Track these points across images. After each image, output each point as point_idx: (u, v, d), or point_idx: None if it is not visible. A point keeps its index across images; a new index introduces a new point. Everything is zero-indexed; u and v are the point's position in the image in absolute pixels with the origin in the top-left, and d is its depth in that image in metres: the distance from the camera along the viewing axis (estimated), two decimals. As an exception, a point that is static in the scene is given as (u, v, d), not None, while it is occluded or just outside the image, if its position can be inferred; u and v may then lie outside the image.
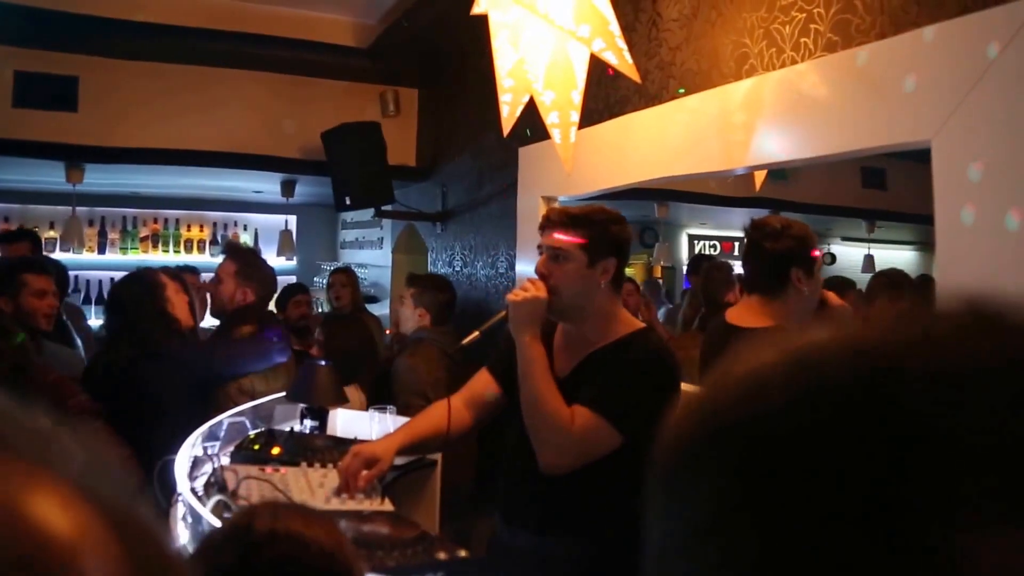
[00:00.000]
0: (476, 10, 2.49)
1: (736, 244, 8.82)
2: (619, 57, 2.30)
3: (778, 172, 3.48)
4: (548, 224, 2.29)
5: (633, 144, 3.05)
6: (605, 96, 3.39)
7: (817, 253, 2.56)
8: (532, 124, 2.60)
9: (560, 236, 2.25)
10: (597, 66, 2.63)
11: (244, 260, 3.70)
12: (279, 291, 6.43)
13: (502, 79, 2.67)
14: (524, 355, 2.23)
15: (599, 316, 2.28)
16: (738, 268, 5.28)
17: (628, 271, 9.55)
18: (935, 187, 1.87)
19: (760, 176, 3.16)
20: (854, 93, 2.08)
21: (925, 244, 7.40)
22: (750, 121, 2.45)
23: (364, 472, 2.31)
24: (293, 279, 8.45)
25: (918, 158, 1.99)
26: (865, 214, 6.28)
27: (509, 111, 2.76)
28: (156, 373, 3.17)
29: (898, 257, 7.57)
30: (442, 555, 1.97)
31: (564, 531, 2.16)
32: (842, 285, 5.23)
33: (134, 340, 3.23)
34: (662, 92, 3.08)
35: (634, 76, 2.22)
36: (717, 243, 8.78)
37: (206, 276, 7.34)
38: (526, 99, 2.70)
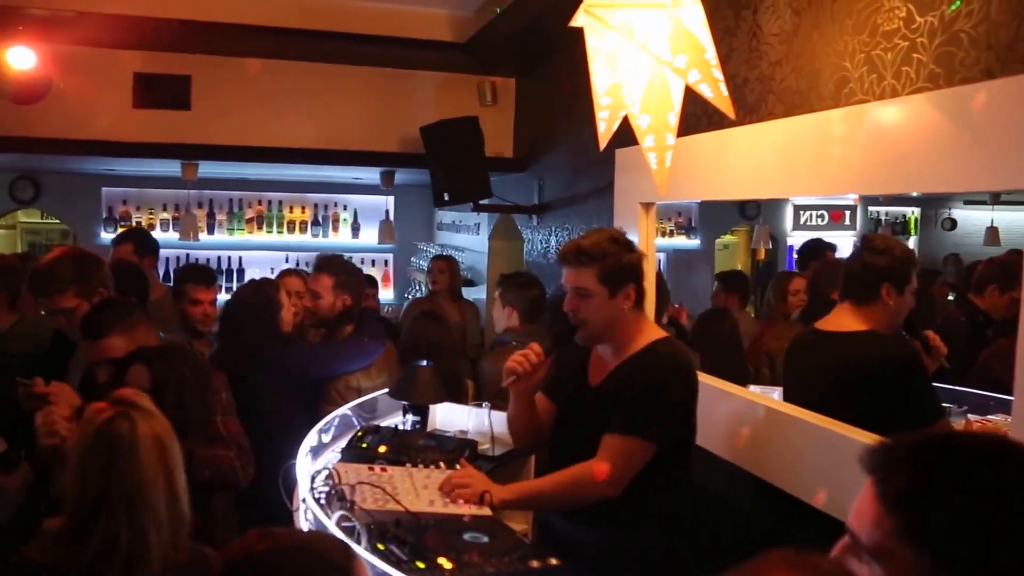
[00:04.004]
0: (574, 23, 2.53)
1: (847, 213, 8.28)
2: (714, 90, 2.31)
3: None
4: (564, 263, 2.49)
5: (730, 160, 3.05)
6: (704, 101, 3.36)
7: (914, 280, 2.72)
8: (628, 131, 2.63)
9: (578, 274, 2.45)
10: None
11: (339, 271, 3.90)
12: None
13: (599, 97, 2.70)
14: (520, 505, 2.57)
15: (625, 332, 2.52)
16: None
17: (728, 240, 9.13)
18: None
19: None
20: (956, 133, 2.05)
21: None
22: (847, 149, 2.44)
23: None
24: (390, 257, 8.69)
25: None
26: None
27: (606, 127, 2.78)
28: (260, 377, 3.54)
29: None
30: (535, 563, 2.07)
31: (599, 521, 2.42)
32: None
33: (243, 350, 3.62)
34: (760, 105, 3.07)
35: (729, 112, 2.23)
36: (825, 212, 8.21)
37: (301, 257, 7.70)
38: (623, 114, 2.73)
